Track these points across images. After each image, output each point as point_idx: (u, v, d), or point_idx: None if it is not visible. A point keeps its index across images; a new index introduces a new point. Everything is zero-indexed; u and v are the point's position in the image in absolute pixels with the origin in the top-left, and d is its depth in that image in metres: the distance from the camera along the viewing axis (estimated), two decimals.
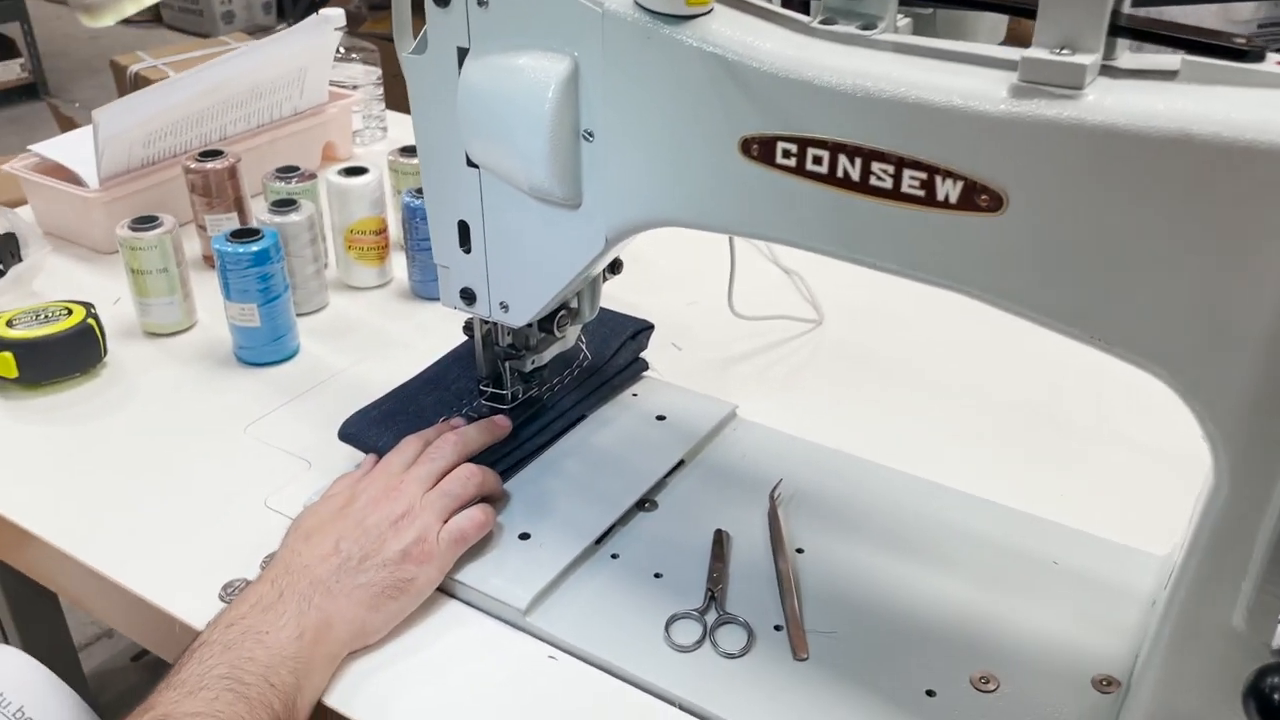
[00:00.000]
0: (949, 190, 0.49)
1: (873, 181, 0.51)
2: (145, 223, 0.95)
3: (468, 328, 0.78)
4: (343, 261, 1.05)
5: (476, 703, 0.61)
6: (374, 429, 0.77)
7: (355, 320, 1.01)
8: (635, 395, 0.86)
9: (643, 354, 0.89)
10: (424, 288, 1.04)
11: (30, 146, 1.15)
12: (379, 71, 1.42)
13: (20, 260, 1.01)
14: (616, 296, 1.04)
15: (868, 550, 0.71)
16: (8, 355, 0.87)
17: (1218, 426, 0.46)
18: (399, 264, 1.08)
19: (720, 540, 0.71)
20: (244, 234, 0.90)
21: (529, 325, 0.76)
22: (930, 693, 0.61)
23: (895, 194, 0.50)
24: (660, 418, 0.83)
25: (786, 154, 0.53)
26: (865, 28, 0.52)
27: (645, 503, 0.75)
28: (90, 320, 0.91)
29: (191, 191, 1.06)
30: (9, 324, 0.89)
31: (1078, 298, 0.48)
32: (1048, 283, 0.48)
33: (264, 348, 0.93)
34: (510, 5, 0.59)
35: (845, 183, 0.52)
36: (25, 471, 0.81)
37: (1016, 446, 0.84)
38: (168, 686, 0.55)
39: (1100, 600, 0.67)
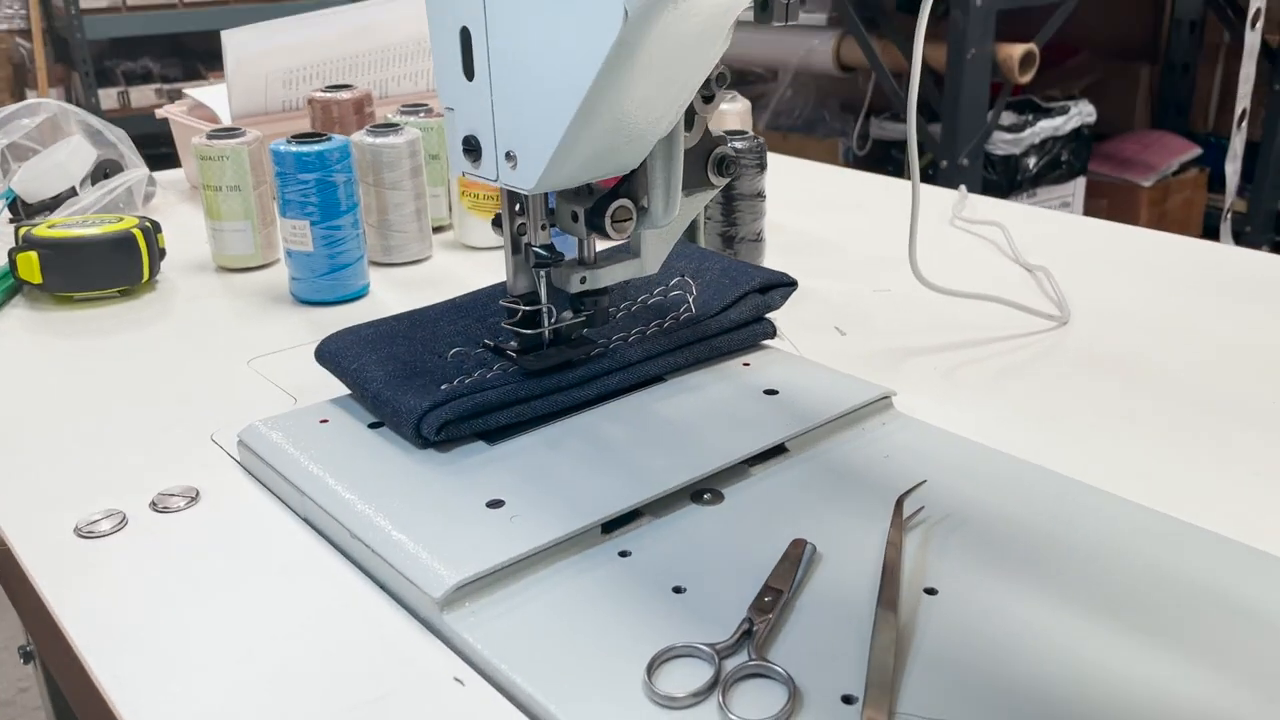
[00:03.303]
0: None
1: None
2: (227, 133, 0.81)
3: (496, 222, 0.55)
4: (457, 212, 0.87)
5: None
6: (355, 350, 0.56)
7: (454, 278, 0.82)
8: (746, 365, 0.60)
9: (777, 322, 0.63)
10: None
11: (187, 90, 1.07)
12: None
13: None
14: (778, 264, 0.79)
15: (1042, 606, 0.40)
16: (31, 255, 0.74)
17: None
18: None
19: (796, 554, 0.43)
20: (309, 137, 0.73)
21: (580, 224, 0.52)
22: None
23: None
24: (770, 391, 0.56)
25: None
26: None
27: (706, 493, 0.49)
28: (136, 232, 0.77)
29: (312, 128, 0.92)
30: (51, 225, 0.77)
31: None
32: None
33: (318, 280, 0.74)
34: None
35: None
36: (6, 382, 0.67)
37: None
38: None
39: None
